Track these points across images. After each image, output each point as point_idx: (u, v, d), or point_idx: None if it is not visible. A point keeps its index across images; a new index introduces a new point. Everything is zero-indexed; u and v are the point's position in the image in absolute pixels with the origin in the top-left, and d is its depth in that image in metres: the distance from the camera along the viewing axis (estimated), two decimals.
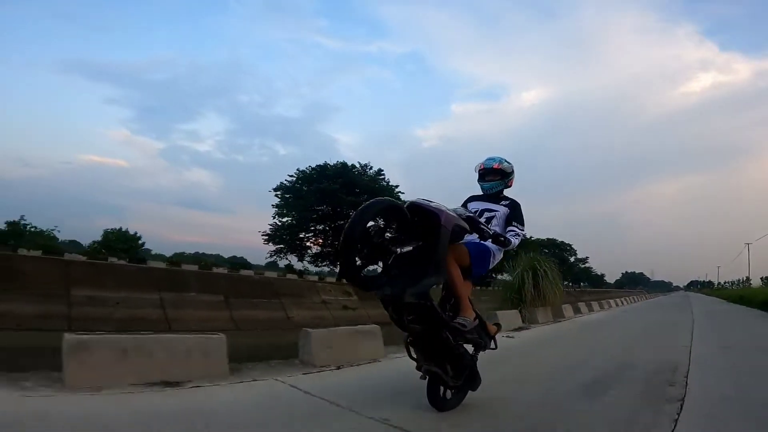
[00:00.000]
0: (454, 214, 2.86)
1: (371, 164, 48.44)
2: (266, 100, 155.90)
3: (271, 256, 46.85)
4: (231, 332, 5.98)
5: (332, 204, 39.62)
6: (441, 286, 3.10)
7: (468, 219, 2.99)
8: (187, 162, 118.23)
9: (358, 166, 47.71)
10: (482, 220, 3.22)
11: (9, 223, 34.92)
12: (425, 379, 3.03)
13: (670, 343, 7.77)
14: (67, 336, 3.29)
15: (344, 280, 2.55)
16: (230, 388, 3.55)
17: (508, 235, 3.17)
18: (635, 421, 3.16)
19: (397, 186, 44.32)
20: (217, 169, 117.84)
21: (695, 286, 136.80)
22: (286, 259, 47.04)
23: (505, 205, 3.42)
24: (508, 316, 9.50)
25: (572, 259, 76.03)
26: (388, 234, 2.67)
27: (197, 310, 9.83)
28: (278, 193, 46.12)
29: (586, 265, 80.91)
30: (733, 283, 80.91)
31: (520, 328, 9.38)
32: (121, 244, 37.22)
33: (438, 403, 3.10)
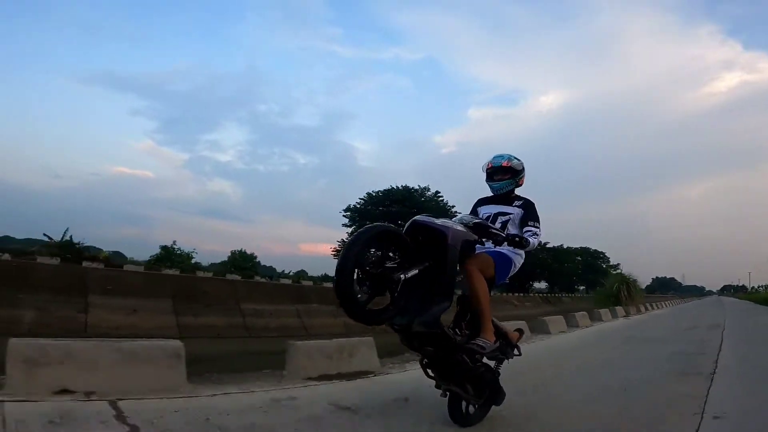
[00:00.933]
0: (462, 229, 2.72)
1: (429, 187, 55.81)
2: (284, 109, 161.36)
3: None
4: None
5: (396, 225, 47.27)
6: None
7: (476, 226, 2.83)
8: (209, 172, 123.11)
9: (418, 188, 55.31)
10: (498, 224, 3.11)
11: (162, 248, 41.87)
12: (446, 396, 2.94)
13: (715, 319, 15.26)
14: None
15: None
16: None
17: (525, 235, 3.00)
18: (710, 337, 10.41)
19: (453, 206, 51.26)
20: (238, 179, 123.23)
21: (728, 290, 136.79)
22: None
23: (518, 206, 3.22)
24: (619, 310, 17.07)
25: (604, 266, 77.74)
26: (390, 261, 2.50)
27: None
28: (347, 213, 54.20)
29: (618, 271, 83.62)
30: (766, 287, 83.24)
31: (626, 315, 16.91)
32: (244, 263, 45.22)
33: (460, 420, 2.98)
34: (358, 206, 52.84)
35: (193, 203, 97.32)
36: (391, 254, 2.53)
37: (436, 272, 2.57)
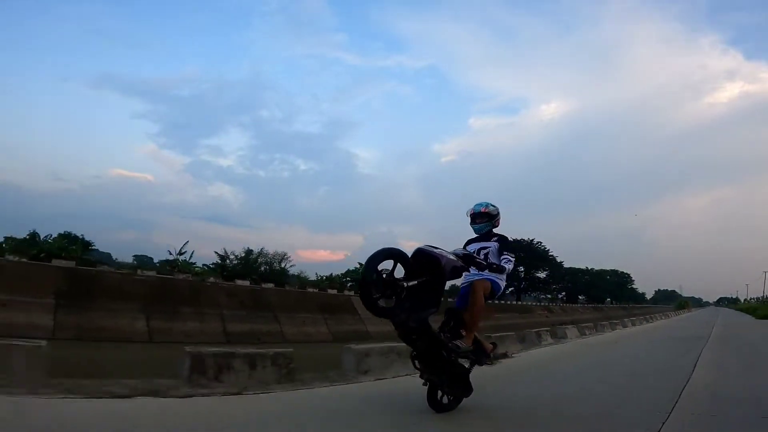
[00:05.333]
0: (453, 257, 3.65)
1: (541, 242, 65.10)
2: (287, 115, 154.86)
3: None
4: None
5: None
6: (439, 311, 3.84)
7: (464, 256, 3.78)
8: (210, 177, 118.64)
9: (526, 240, 63.02)
10: (481, 255, 4.03)
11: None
12: (426, 385, 3.79)
13: (714, 315, 49.99)
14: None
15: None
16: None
17: (501, 263, 3.99)
18: (713, 320, 42.78)
19: (548, 250, 64.71)
20: (239, 184, 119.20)
21: (723, 302, 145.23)
22: None
23: (495, 241, 4.21)
24: (684, 311, 52.44)
25: (629, 285, 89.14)
26: (398, 276, 3.38)
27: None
28: None
29: (632, 285, 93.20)
30: (758, 299, 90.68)
31: (689, 312, 52.12)
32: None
33: (435, 406, 3.81)
34: None
35: (194, 207, 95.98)
36: (397, 267, 3.40)
37: (430, 285, 3.50)
